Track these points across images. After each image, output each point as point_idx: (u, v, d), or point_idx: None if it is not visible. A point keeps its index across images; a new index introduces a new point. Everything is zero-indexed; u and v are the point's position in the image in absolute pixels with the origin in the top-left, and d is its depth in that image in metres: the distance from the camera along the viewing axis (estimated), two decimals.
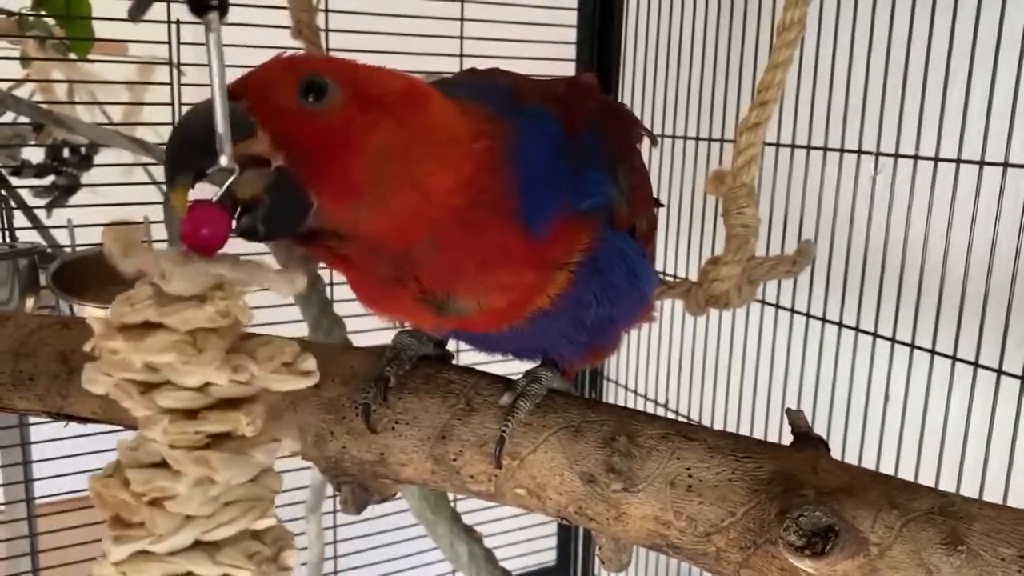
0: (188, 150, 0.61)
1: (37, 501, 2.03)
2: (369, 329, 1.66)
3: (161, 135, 1.85)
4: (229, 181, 0.58)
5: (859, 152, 1.59)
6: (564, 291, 0.77)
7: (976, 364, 1.44)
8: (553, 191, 0.75)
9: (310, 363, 0.56)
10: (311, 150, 0.63)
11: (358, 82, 0.66)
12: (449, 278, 0.73)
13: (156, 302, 0.53)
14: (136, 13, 1.74)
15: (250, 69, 0.66)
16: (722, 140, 1.85)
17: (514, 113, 0.75)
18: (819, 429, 0.77)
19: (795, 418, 0.79)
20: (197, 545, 0.55)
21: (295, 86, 0.64)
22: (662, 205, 1.14)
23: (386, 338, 0.88)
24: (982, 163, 1.40)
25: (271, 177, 0.63)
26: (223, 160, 0.56)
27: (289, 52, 0.68)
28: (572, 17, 2.13)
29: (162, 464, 0.55)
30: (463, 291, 0.74)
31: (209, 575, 0.55)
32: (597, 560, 0.92)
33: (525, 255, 0.74)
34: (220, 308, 0.54)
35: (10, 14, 1.91)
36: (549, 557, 2.57)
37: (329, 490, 2.09)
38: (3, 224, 1.81)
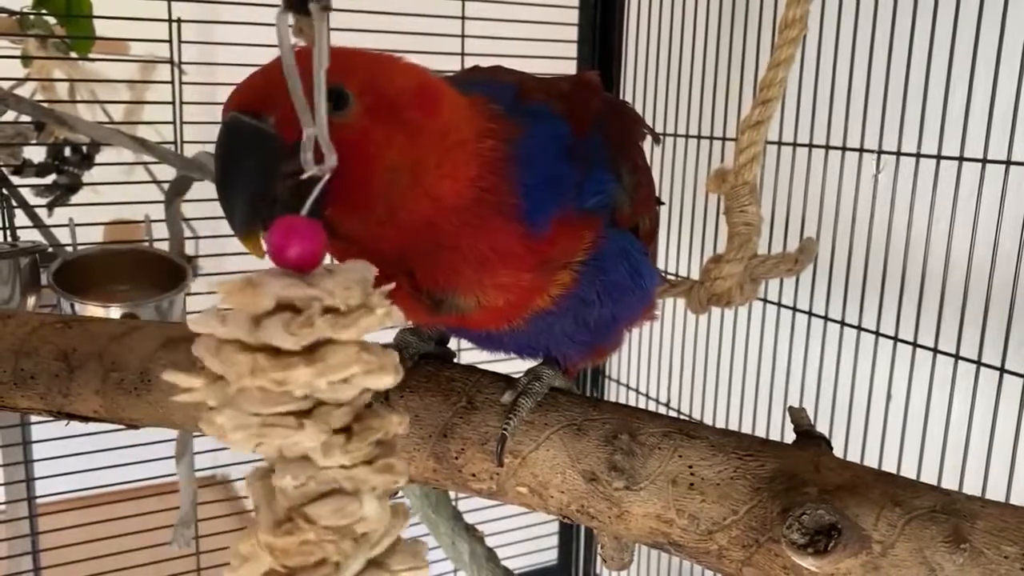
0: (250, 181, 0.60)
1: (38, 500, 2.03)
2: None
3: (162, 134, 1.85)
4: (318, 188, 0.53)
5: (861, 150, 1.59)
6: (567, 290, 0.77)
7: (979, 362, 1.44)
8: (557, 191, 0.75)
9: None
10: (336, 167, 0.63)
11: (374, 87, 0.66)
12: (446, 276, 0.73)
13: (329, 318, 0.50)
14: None
15: (267, 69, 0.64)
16: (724, 138, 1.85)
17: (522, 112, 0.75)
18: (821, 427, 0.77)
19: (797, 416, 0.79)
20: (370, 564, 0.53)
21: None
22: (663, 203, 1.14)
23: (388, 336, 0.88)
24: (985, 161, 1.40)
25: (289, 182, 0.61)
26: (332, 160, 0.52)
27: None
28: (573, 15, 2.13)
29: (335, 491, 0.52)
30: (461, 289, 0.74)
31: None
32: (599, 559, 0.92)
33: (525, 255, 0.74)
34: (387, 309, 0.51)
35: (11, 13, 1.91)
36: (551, 556, 2.57)
37: None
38: (4, 223, 1.81)
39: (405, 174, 0.66)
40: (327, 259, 0.52)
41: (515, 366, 0.89)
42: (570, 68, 2.12)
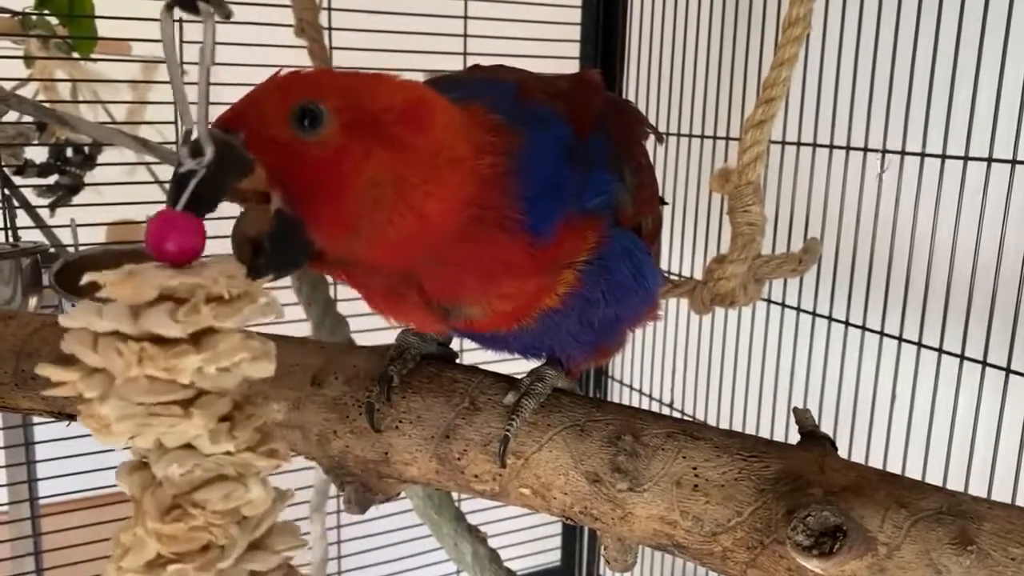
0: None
1: (41, 501, 2.03)
2: (373, 328, 1.66)
3: (164, 134, 1.85)
4: (195, 180, 0.55)
5: (865, 149, 1.58)
6: (573, 289, 0.77)
7: (984, 362, 1.44)
8: (559, 196, 0.74)
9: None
10: (305, 186, 0.61)
11: (354, 104, 0.64)
12: (453, 291, 0.73)
13: (213, 306, 0.51)
14: None
15: (244, 93, 0.63)
16: (727, 138, 1.85)
17: (522, 117, 0.74)
18: (826, 428, 0.77)
19: (802, 417, 0.78)
20: (251, 546, 0.54)
21: (288, 113, 0.61)
22: (666, 203, 1.14)
23: (390, 337, 0.88)
24: (990, 160, 1.39)
25: (272, 221, 0.61)
26: (208, 153, 0.54)
27: (285, 70, 0.65)
28: (576, 15, 2.13)
29: (221, 477, 0.53)
30: (468, 300, 0.74)
31: (268, 567, 0.54)
32: (602, 560, 0.92)
33: (529, 263, 0.73)
34: (269, 299, 0.52)
35: (14, 13, 1.91)
36: (554, 557, 2.56)
37: (333, 490, 2.09)
38: (6, 223, 1.80)
39: (388, 190, 0.64)
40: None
41: (518, 366, 0.88)
42: (573, 67, 2.12)
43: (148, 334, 0.50)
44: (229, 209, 0.60)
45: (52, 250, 1.82)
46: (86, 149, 2.02)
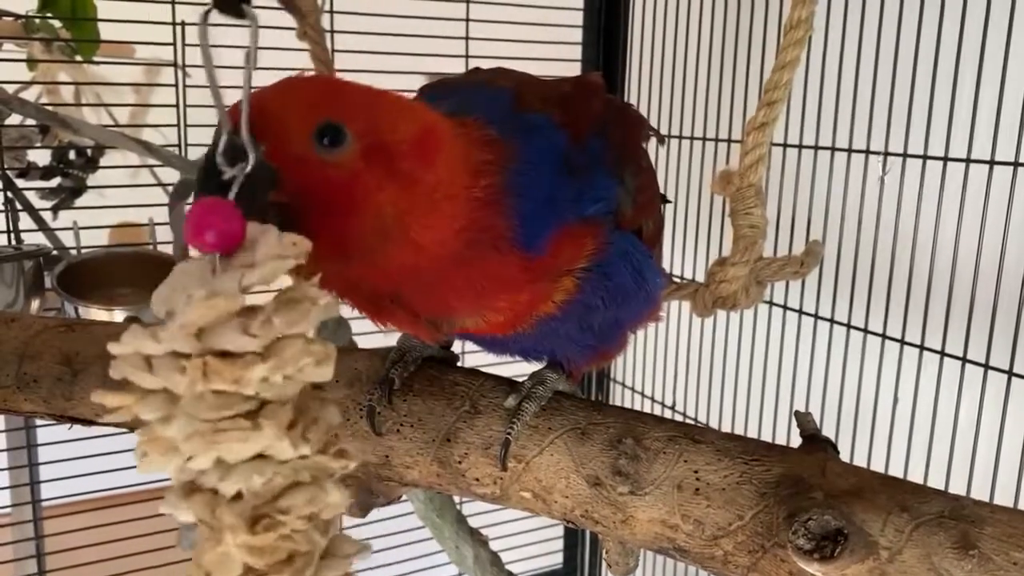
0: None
1: (43, 503, 2.03)
2: (374, 331, 1.66)
3: (167, 137, 1.85)
4: (242, 173, 0.55)
5: (867, 152, 1.58)
6: (571, 296, 0.76)
7: (986, 366, 1.43)
8: (554, 207, 0.74)
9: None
10: (318, 202, 0.61)
11: (374, 130, 0.64)
12: (441, 309, 0.73)
13: (282, 315, 0.50)
14: None
15: (266, 93, 0.63)
16: (729, 140, 1.84)
17: (516, 128, 0.74)
18: (827, 431, 0.77)
19: (803, 420, 0.78)
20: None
21: (312, 129, 0.61)
22: (669, 201, 1.13)
23: (391, 340, 0.88)
24: (992, 163, 1.39)
25: (273, 211, 0.60)
26: (252, 159, 0.55)
27: (305, 75, 0.67)
28: (578, 17, 2.12)
29: (299, 483, 0.52)
30: (460, 316, 0.74)
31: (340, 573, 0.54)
32: (604, 564, 0.92)
33: (523, 276, 0.73)
34: (327, 299, 0.52)
35: (16, 16, 1.91)
36: (556, 560, 2.56)
37: None
38: (9, 226, 1.81)
39: (391, 223, 0.65)
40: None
41: (519, 369, 0.88)
42: (574, 70, 2.12)
43: (210, 349, 0.50)
44: None
45: (55, 253, 1.82)
46: (89, 152, 2.03)
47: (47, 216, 1.95)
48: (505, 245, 0.71)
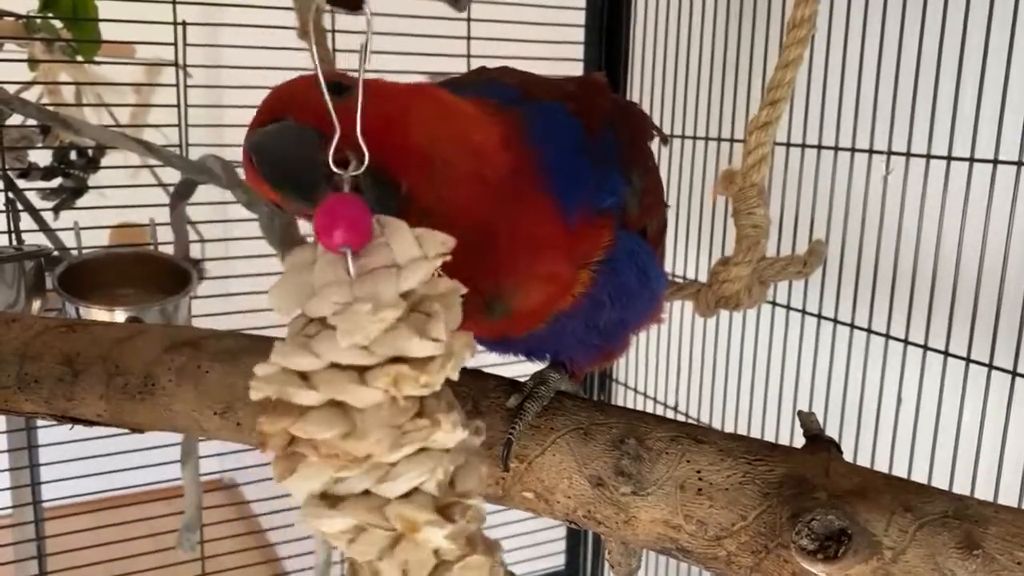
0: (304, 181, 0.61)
1: (44, 504, 2.03)
2: None
3: (168, 137, 1.85)
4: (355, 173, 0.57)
5: (870, 151, 1.58)
6: (586, 290, 0.77)
7: (990, 366, 1.43)
8: (578, 185, 0.75)
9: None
10: (383, 147, 0.63)
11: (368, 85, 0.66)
12: (500, 266, 0.72)
13: (445, 314, 0.53)
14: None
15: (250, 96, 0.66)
16: (732, 140, 1.84)
17: (534, 110, 0.75)
18: (831, 432, 0.76)
19: (807, 420, 0.78)
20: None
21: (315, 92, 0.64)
22: (668, 206, 1.13)
23: None
24: (996, 162, 1.39)
25: (366, 174, 0.61)
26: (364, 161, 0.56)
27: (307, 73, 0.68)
28: (580, 17, 2.12)
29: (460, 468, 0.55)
30: (509, 282, 0.73)
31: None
32: (606, 564, 0.92)
33: (563, 245, 0.74)
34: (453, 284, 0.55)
35: (18, 16, 1.91)
36: (558, 561, 2.55)
37: None
38: (10, 226, 1.81)
39: (445, 149, 0.67)
40: None
41: (521, 369, 0.88)
42: (576, 69, 2.11)
43: (390, 357, 0.51)
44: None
45: (55, 253, 1.82)
46: (90, 152, 2.03)
47: (48, 216, 1.95)
48: (544, 198, 0.72)
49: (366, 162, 0.56)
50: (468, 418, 0.56)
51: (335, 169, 0.56)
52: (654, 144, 0.93)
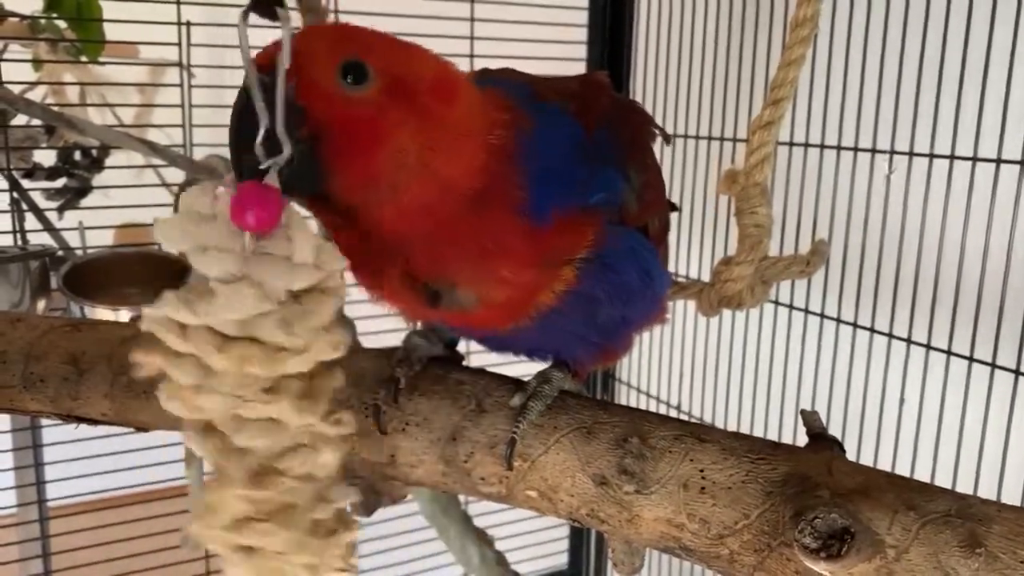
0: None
1: (49, 503, 2.03)
2: (379, 331, 1.66)
3: (171, 137, 1.85)
4: (277, 165, 0.60)
5: (873, 151, 1.58)
6: (571, 287, 0.76)
7: (993, 364, 1.43)
8: (561, 185, 0.75)
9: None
10: (343, 134, 0.64)
11: (395, 68, 0.67)
12: (444, 266, 0.72)
13: (314, 313, 0.58)
14: None
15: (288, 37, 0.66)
16: (735, 139, 1.84)
17: (534, 108, 0.75)
18: (834, 430, 0.76)
19: (810, 419, 0.78)
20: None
21: (336, 66, 0.64)
22: (677, 208, 1.13)
23: (396, 339, 0.88)
24: (999, 161, 1.39)
25: (301, 145, 0.62)
26: (286, 150, 0.59)
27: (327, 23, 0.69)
28: (583, 16, 2.12)
29: (300, 446, 0.60)
30: (460, 281, 0.73)
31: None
32: (610, 563, 0.92)
33: (526, 249, 0.73)
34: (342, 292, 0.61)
35: (22, 17, 1.92)
36: (561, 560, 2.56)
37: None
38: (15, 226, 1.81)
39: (413, 157, 0.66)
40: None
41: (524, 369, 0.88)
42: (579, 69, 2.12)
43: (250, 336, 0.56)
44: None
45: (60, 253, 1.83)
46: (94, 152, 2.03)
47: (53, 216, 1.95)
48: (513, 203, 0.72)
49: (285, 157, 0.59)
50: (341, 410, 0.61)
51: (260, 156, 0.59)
52: (656, 143, 0.93)
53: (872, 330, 1.63)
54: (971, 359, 1.46)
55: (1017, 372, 1.40)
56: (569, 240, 0.75)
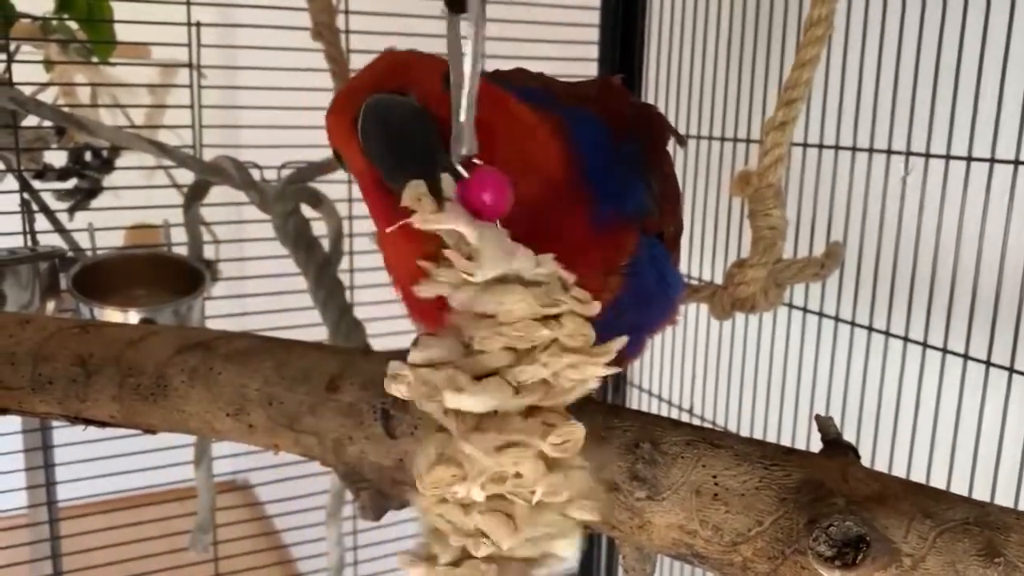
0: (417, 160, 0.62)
1: (59, 504, 2.04)
2: (388, 333, 1.66)
3: (182, 138, 1.85)
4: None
5: (889, 152, 1.56)
6: (614, 296, 0.76)
7: (1011, 369, 1.41)
8: (607, 191, 0.75)
9: None
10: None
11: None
12: None
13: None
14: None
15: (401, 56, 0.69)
16: (748, 140, 1.83)
17: (567, 114, 0.75)
18: (849, 436, 0.75)
19: (824, 425, 0.77)
20: None
21: (439, 79, 0.65)
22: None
23: (405, 342, 0.87)
24: (1017, 162, 1.37)
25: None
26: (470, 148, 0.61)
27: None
28: (595, 16, 2.11)
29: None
30: None
31: None
32: (620, 569, 0.91)
33: (595, 252, 0.74)
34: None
35: (34, 18, 1.92)
36: (571, 566, 2.54)
37: (348, 496, 2.08)
38: (25, 227, 1.81)
39: (516, 158, 0.67)
40: None
41: None
42: (591, 70, 2.11)
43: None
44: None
45: (70, 254, 1.83)
46: (104, 153, 2.03)
47: (63, 217, 1.96)
48: (585, 206, 0.72)
49: (475, 152, 0.61)
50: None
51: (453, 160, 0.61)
52: (671, 146, 0.92)
53: (887, 333, 1.62)
54: (988, 363, 1.44)
55: None
56: (620, 247, 0.75)
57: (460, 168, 0.61)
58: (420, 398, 0.63)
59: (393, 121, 0.62)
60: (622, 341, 0.65)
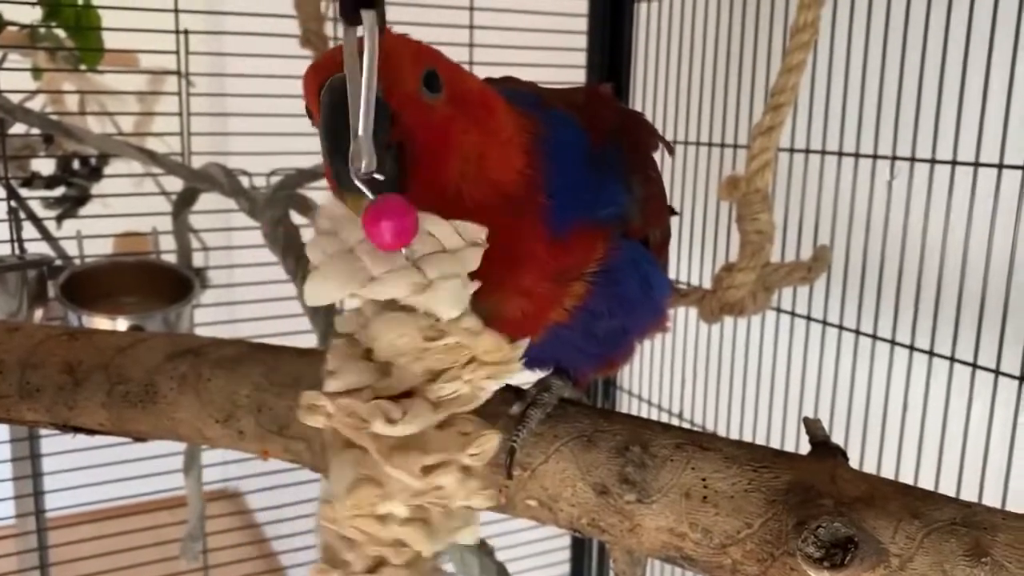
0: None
1: (47, 514, 2.03)
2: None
3: (170, 145, 1.85)
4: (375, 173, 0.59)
5: (875, 156, 1.57)
6: (581, 303, 0.76)
7: (997, 371, 1.42)
8: (577, 197, 0.74)
9: None
10: (426, 140, 0.65)
11: (456, 79, 0.68)
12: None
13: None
14: None
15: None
16: (735, 145, 1.84)
17: (546, 117, 0.75)
18: (837, 438, 0.76)
19: (813, 427, 0.77)
20: None
21: (420, 74, 0.65)
22: (677, 213, 1.13)
23: None
24: (1001, 166, 1.38)
25: (391, 150, 0.63)
26: (368, 164, 0.58)
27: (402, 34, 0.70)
28: (583, 24, 2.12)
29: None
30: (483, 290, 0.73)
31: None
32: (612, 573, 0.91)
33: (547, 260, 0.73)
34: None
35: (22, 26, 1.92)
36: (563, 570, 2.54)
37: None
38: (13, 235, 1.81)
39: (473, 163, 0.68)
40: None
41: (524, 376, 0.87)
42: (579, 76, 2.11)
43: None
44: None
45: (58, 262, 1.82)
46: (93, 161, 2.03)
47: (51, 225, 1.95)
48: (542, 214, 0.72)
49: (372, 168, 0.58)
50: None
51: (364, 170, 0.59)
52: (659, 154, 0.93)
53: (874, 336, 1.62)
54: (975, 365, 1.45)
55: (1021, 378, 1.39)
56: (582, 255, 0.75)
57: (360, 184, 0.59)
58: (345, 429, 0.60)
59: (338, 107, 0.62)
60: (525, 343, 0.65)
